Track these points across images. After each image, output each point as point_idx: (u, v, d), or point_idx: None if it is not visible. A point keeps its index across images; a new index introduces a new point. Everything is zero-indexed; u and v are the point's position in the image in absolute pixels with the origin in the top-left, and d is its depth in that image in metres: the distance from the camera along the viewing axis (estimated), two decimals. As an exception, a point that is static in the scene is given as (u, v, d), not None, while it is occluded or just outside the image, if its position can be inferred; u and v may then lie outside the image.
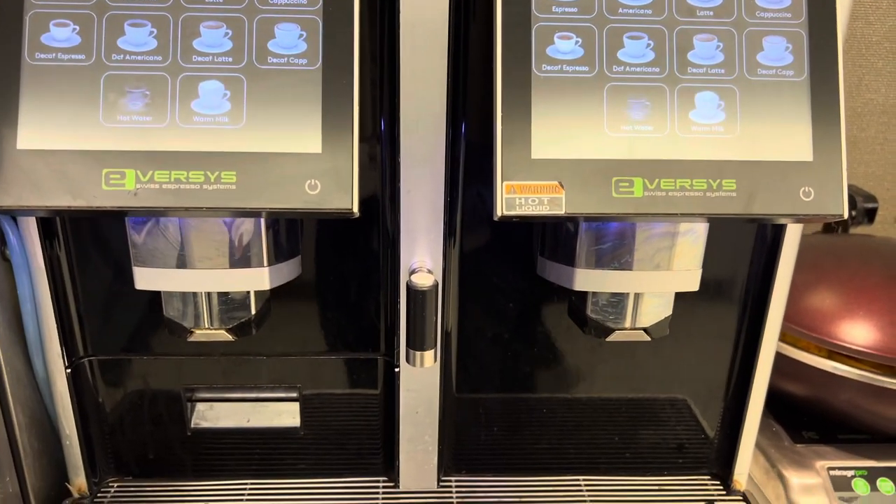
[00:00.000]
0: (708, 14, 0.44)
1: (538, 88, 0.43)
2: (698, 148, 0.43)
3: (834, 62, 0.44)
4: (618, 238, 0.48)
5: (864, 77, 0.98)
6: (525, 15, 0.43)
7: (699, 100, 0.44)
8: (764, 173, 0.43)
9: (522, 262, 0.56)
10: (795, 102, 0.44)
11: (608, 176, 0.43)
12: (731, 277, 0.58)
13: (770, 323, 0.57)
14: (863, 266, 0.81)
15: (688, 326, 0.58)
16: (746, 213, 0.43)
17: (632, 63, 0.44)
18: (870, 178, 1.03)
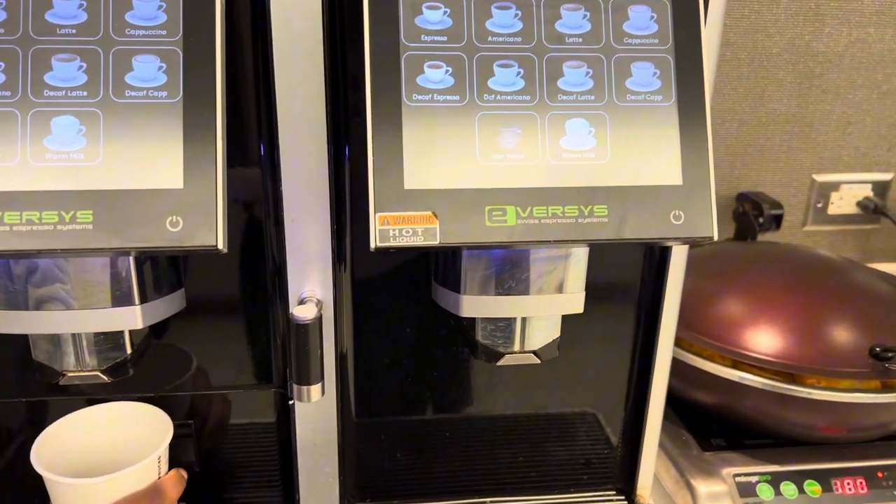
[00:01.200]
0: (577, 41, 0.44)
1: (409, 118, 0.43)
2: (570, 175, 0.44)
3: (700, 87, 0.45)
4: (501, 264, 0.48)
5: (767, 88, 1.01)
6: (394, 45, 0.43)
7: (570, 127, 0.44)
8: (634, 198, 0.44)
9: (418, 285, 0.56)
10: (664, 127, 0.44)
11: (481, 205, 0.43)
12: (625, 290, 0.59)
13: (663, 335, 0.58)
14: (765, 273, 0.83)
15: (586, 341, 0.59)
16: (618, 238, 0.44)
17: (502, 91, 0.44)
18: (776, 185, 1.06)
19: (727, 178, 1.05)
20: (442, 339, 0.57)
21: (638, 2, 0.45)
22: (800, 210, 1.08)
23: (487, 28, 0.44)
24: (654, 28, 0.45)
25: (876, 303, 0.80)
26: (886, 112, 1.04)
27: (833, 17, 0.98)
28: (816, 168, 1.06)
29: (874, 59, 1.01)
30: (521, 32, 0.44)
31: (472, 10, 0.43)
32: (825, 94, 1.02)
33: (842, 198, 1.06)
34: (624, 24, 0.45)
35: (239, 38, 0.47)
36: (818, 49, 1.00)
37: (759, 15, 0.97)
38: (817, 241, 1.10)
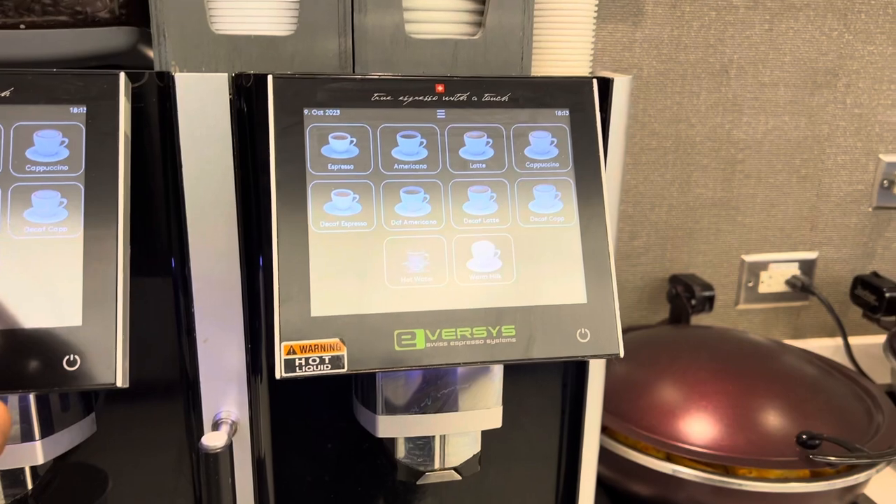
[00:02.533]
0: (481, 167, 0.46)
1: (316, 245, 0.43)
2: (477, 296, 0.44)
3: (601, 207, 0.47)
4: (416, 383, 0.48)
5: (692, 174, 1.05)
6: (300, 173, 0.44)
7: (476, 249, 0.45)
8: (541, 317, 0.45)
9: (340, 400, 0.55)
10: (567, 247, 0.46)
11: (390, 329, 0.43)
12: (547, 396, 0.59)
13: (588, 443, 0.58)
14: (696, 361, 0.85)
15: (511, 452, 0.59)
16: (526, 359, 0.44)
17: (409, 217, 0.44)
18: (708, 266, 1.09)
19: (659, 260, 1.08)
20: (365, 453, 0.57)
21: (538, 128, 0.47)
22: (732, 290, 1.11)
23: (394, 156, 0.45)
24: (555, 152, 0.47)
25: (804, 388, 0.82)
26: (806, 194, 1.09)
27: (750, 107, 1.04)
28: (745, 249, 1.09)
29: (791, 145, 1.06)
30: (426, 160, 0.45)
31: (378, 139, 0.45)
32: (748, 178, 1.07)
33: (771, 277, 1.10)
34: (526, 150, 0.46)
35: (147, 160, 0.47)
36: (738, 137, 1.05)
37: (681, 106, 1.02)
38: (751, 320, 1.13)
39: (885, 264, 1.13)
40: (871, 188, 1.10)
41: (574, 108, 0.47)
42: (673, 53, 1.00)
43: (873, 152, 1.08)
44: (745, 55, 1.01)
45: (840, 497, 0.75)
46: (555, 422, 0.59)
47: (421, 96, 0.45)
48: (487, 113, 0.46)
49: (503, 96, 0.46)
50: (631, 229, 1.06)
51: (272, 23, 0.48)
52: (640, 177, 1.05)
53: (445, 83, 0.46)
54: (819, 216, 1.10)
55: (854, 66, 1.04)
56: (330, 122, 0.44)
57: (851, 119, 1.07)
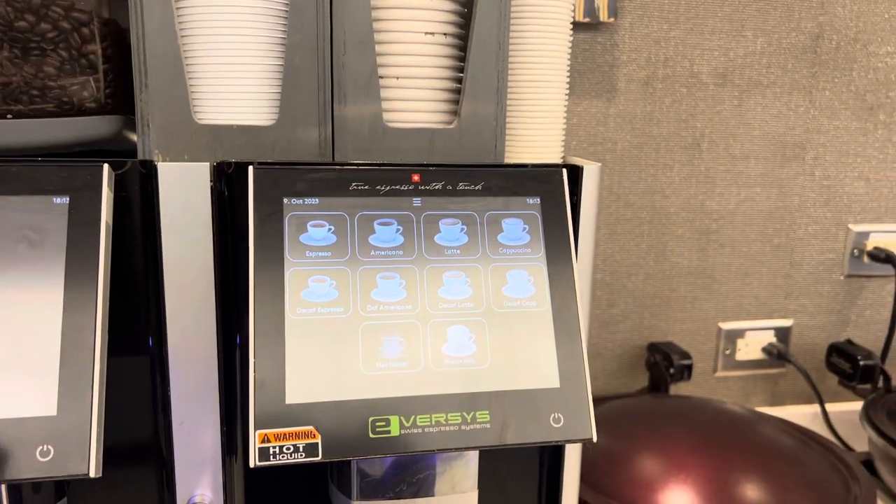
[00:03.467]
0: (455, 252, 0.47)
1: (292, 332, 0.44)
2: (452, 381, 0.45)
3: (572, 292, 0.48)
4: (392, 468, 0.48)
5: (668, 244, 1.07)
6: (278, 260, 0.45)
7: (451, 333, 0.46)
8: (515, 402, 0.45)
9: (316, 483, 0.55)
10: (540, 332, 0.47)
11: (365, 416, 0.43)
12: (525, 474, 0.59)
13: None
14: (674, 433, 0.85)
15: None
16: (500, 444, 0.44)
17: (385, 302, 0.45)
18: (685, 333, 1.10)
19: (637, 328, 1.09)
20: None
21: (511, 215, 0.48)
22: (710, 357, 1.12)
23: (370, 243, 0.46)
24: (527, 238, 0.48)
25: (781, 460, 0.82)
26: (779, 263, 1.11)
27: (722, 179, 1.07)
28: (721, 316, 1.11)
29: (763, 215, 1.09)
30: (402, 246, 0.46)
31: (355, 227, 0.46)
32: (722, 247, 1.09)
33: (748, 344, 1.11)
34: (499, 236, 0.48)
35: (129, 244, 0.48)
36: (712, 207, 1.08)
37: (655, 178, 1.05)
38: (729, 387, 1.13)
39: (858, 331, 1.15)
40: (842, 257, 1.13)
41: (545, 195, 0.49)
42: (646, 128, 1.04)
43: (843, 222, 1.12)
44: (715, 129, 1.05)
45: (821, 573, 0.74)
46: (532, 500, 0.59)
47: (398, 185, 0.47)
48: (462, 201, 0.48)
49: (477, 185, 0.48)
50: (609, 297, 1.08)
51: (254, 112, 0.50)
52: (617, 246, 1.07)
53: (421, 173, 0.48)
54: (793, 284, 1.12)
55: (821, 140, 1.08)
56: (309, 210, 0.46)
57: (821, 190, 1.10)
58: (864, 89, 1.08)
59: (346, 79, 0.50)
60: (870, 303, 1.15)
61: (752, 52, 1.03)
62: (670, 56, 1.01)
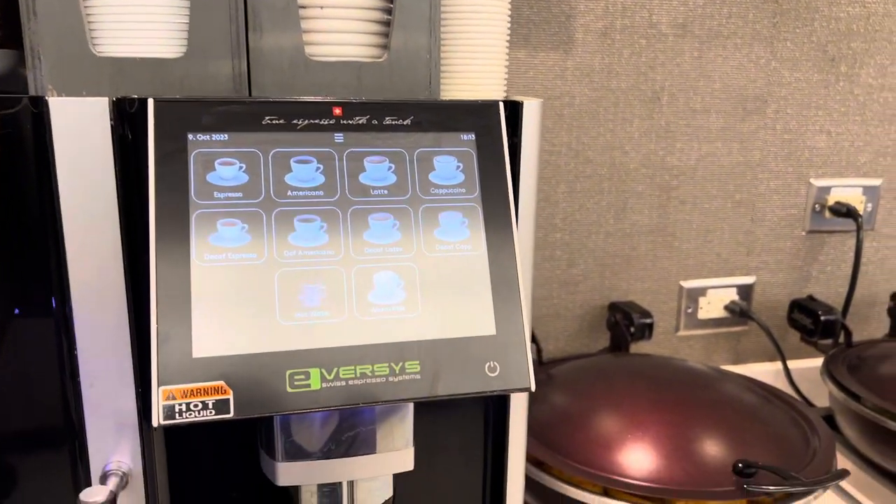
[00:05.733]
0: (382, 193, 0.43)
1: (199, 280, 0.40)
2: (378, 331, 0.41)
3: (509, 235, 0.45)
4: (317, 426, 0.44)
5: (628, 201, 1.05)
6: (183, 202, 0.40)
7: (378, 280, 0.42)
8: (448, 351, 0.42)
9: (245, 446, 0.52)
10: (475, 276, 0.43)
11: (282, 369, 0.40)
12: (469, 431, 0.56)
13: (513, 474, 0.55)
14: (633, 391, 0.83)
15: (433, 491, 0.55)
16: (432, 396, 0.41)
17: (304, 247, 0.42)
18: (647, 293, 1.08)
19: (598, 288, 1.07)
20: (275, 502, 0.53)
21: (443, 152, 0.44)
22: (672, 316, 1.10)
23: (287, 183, 0.42)
24: (461, 178, 0.45)
25: (742, 416, 0.81)
26: (741, 220, 1.09)
27: (683, 133, 1.04)
28: (683, 275, 1.09)
29: (724, 171, 1.07)
30: (323, 186, 0.42)
31: (269, 165, 0.42)
32: (683, 204, 1.07)
33: (709, 302, 1.09)
34: (430, 175, 0.44)
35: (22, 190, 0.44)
36: (672, 163, 1.05)
37: (614, 134, 1.02)
38: (692, 346, 1.12)
39: (820, 287, 1.14)
40: (803, 212, 1.11)
41: (480, 131, 0.45)
42: (605, 81, 1.00)
43: (804, 177, 1.10)
44: (675, 82, 1.02)
45: (780, 526, 0.73)
46: (477, 459, 0.56)
47: (317, 119, 0.43)
48: (389, 137, 0.44)
49: (405, 119, 0.44)
50: (569, 257, 1.05)
51: (160, 44, 0.45)
52: (577, 204, 1.04)
53: (343, 106, 0.44)
54: (755, 241, 1.10)
55: (782, 93, 1.06)
56: (217, 147, 0.41)
57: (782, 145, 1.08)
58: (825, 40, 1.05)
59: (261, 5, 0.46)
60: (831, 258, 1.14)
61: (712, 2, 1.00)
62: (628, 5, 0.98)
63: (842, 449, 0.97)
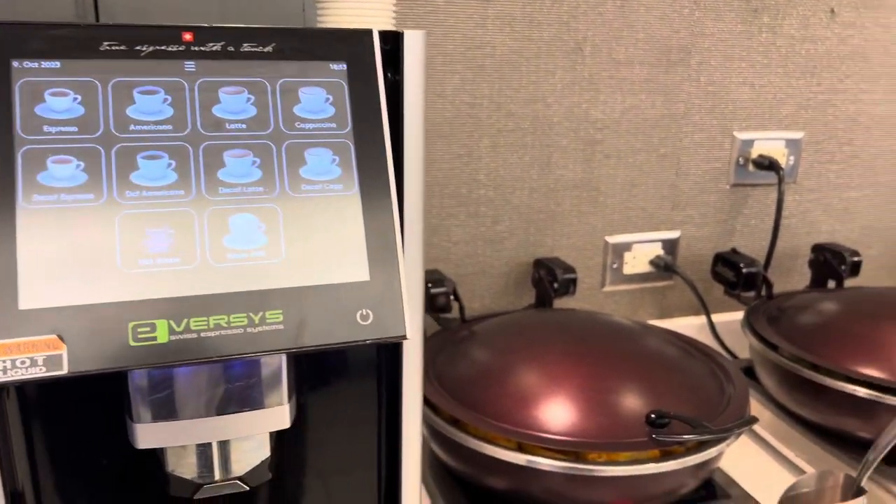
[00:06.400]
0: (240, 127, 0.39)
1: (27, 223, 0.35)
2: (236, 278, 0.38)
3: (385, 174, 0.41)
4: (178, 384, 0.41)
5: (552, 155, 1.02)
6: (6, 137, 0.36)
7: (234, 223, 0.38)
8: (315, 299, 0.39)
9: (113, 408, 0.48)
10: (346, 219, 0.40)
11: (124, 321, 0.36)
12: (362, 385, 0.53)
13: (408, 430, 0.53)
14: (551, 345, 0.82)
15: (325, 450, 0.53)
16: (297, 347, 0.38)
17: (150, 187, 0.38)
18: (572, 249, 1.07)
19: (524, 244, 1.05)
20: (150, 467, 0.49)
21: (310, 83, 0.41)
22: (598, 272, 1.09)
23: (129, 116, 0.38)
24: (331, 111, 0.41)
25: (660, 368, 0.80)
26: (666, 173, 1.08)
27: (606, 85, 1.02)
28: (608, 230, 1.08)
29: (648, 124, 1.05)
30: (171, 119, 0.38)
31: (109, 96, 0.38)
32: (608, 158, 1.05)
33: (635, 257, 1.09)
34: (295, 108, 0.40)
35: None
36: (596, 116, 1.03)
37: (537, 86, 0.99)
38: (617, 301, 1.11)
39: (744, 241, 1.15)
40: (728, 165, 1.11)
41: (352, 61, 0.41)
42: (526, 31, 0.97)
43: (728, 130, 1.09)
44: (598, 32, 1.00)
45: (694, 474, 0.73)
46: (371, 415, 0.54)
47: (164, 46, 0.39)
48: (248, 66, 0.40)
49: (266, 46, 0.40)
50: (493, 214, 1.03)
51: (-16, -39, 0.40)
52: (500, 159, 1.01)
53: (195, 31, 0.39)
54: (679, 195, 1.09)
55: (706, 44, 1.04)
56: (46, 76, 0.37)
57: (706, 97, 1.07)
58: (748, -11, 1.04)
59: (102, -81, 0.41)
60: (755, 212, 1.14)
61: (634, -53, 0.97)
62: (549, -50, 0.94)
63: (762, 399, 0.99)
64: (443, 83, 0.96)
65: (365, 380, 0.53)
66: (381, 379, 0.52)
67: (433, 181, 0.99)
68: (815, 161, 1.15)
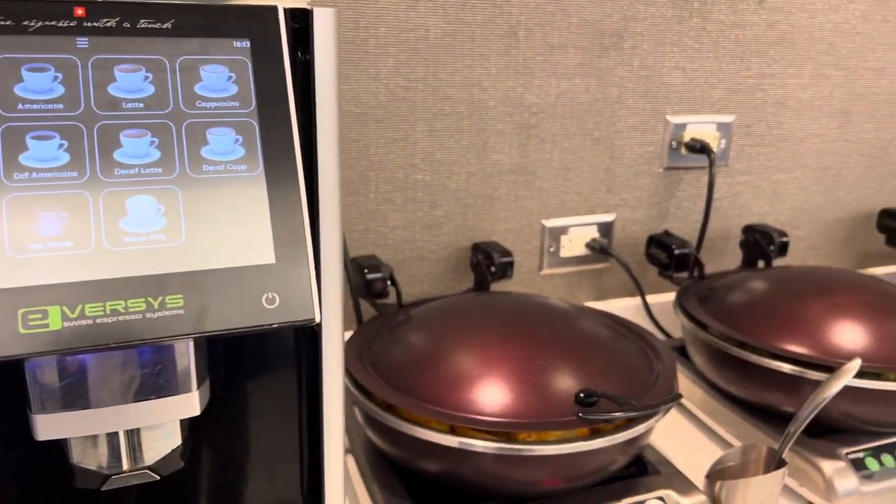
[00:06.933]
0: (137, 106, 0.38)
1: None
2: (133, 262, 0.37)
3: (292, 154, 0.40)
4: (78, 372, 0.39)
5: (488, 140, 1.02)
6: None
7: (132, 206, 0.37)
8: (218, 282, 0.38)
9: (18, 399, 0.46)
10: (250, 200, 0.39)
11: (13, 308, 0.35)
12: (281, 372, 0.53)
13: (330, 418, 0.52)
14: (485, 328, 0.82)
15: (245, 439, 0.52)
16: (198, 332, 0.37)
17: (40, 168, 0.36)
18: (510, 233, 1.07)
19: (462, 229, 1.05)
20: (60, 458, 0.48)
21: (212, 61, 0.40)
22: (535, 255, 1.10)
23: (17, 94, 0.36)
24: (234, 89, 0.40)
25: (591, 348, 0.81)
26: (600, 157, 1.09)
27: (541, 69, 1.02)
28: (545, 214, 1.09)
29: (583, 108, 1.06)
30: (63, 98, 0.37)
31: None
32: (543, 142, 1.05)
33: (571, 241, 1.10)
34: (196, 87, 0.39)
35: None
36: (531, 101, 1.03)
37: (472, 70, 0.99)
38: (555, 284, 1.13)
39: (677, 223, 1.17)
40: (661, 149, 1.12)
41: (257, 38, 0.40)
42: (459, 14, 0.96)
43: (661, 114, 1.11)
44: (532, 16, 1.00)
45: (623, 451, 0.74)
46: (293, 403, 0.53)
47: (54, 21, 0.37)
48: (145, 42, 0.38)
49: (165, 23, 0.39)
50: (431, 198, 1.02)
51: None
52: (437, 144, 1.01)
53: (87, 6, 0.38)
54: (614, 178, 1.11)
55: (638, 28, 1.06)
56: (-77, 51, 0.35)
57: (639, 81, 1.08)
58: (679, -25, 1.06)
59: None
60: (688, 194, 1.16)
61: (565, -69, 0.98)
62: (481, -68, 0.94)
63: (693, 377, 1.01)
64: (377, 66, 0.95)
65: (285, 367, 0.52)
66: (300, 366, 0.52)
67: (368, 165, 0.98)
68: (745, 144, 1.18)
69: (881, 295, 0.95)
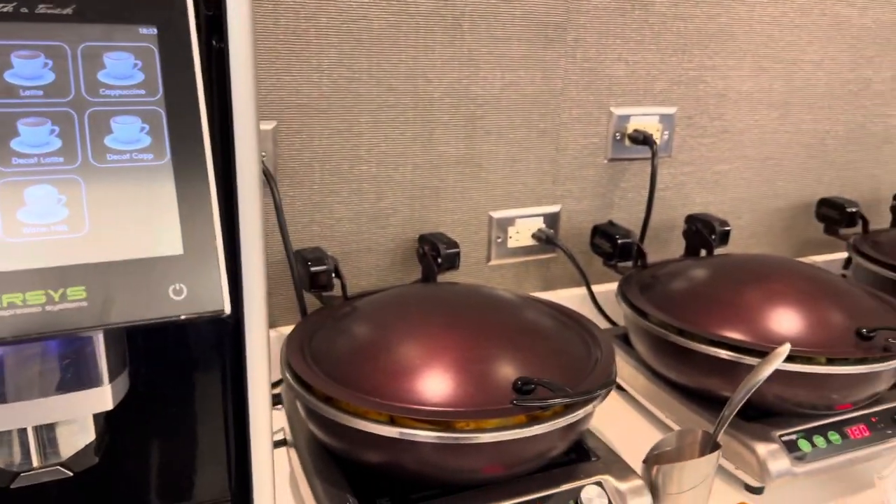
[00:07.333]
0: (36, 94, 0.37)
1: None
2: (32, 254, 0.36)
3: (200, 143, 0.40)
4: (-20, 367, 0.39)
5: (434, 131, 1.02)
6: None
7: (30, 196, 0.36)
8: (123, 274, 0.37)
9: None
10: (157, 189, 0.39)
11: None
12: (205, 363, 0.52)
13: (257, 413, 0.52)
14: (428, 319, 0.82)
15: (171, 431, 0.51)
16: (102, 325, 0.37)
17: (-69, 157, 0.35)
18: (457, 224, 1.08)
19: (409, 220, 1.05)
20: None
21: (117, 48, 0.39)
22: (483, 246, 1.10)
23: None
24: (140, 77, 0.39)
25: (532, 337, 0.82)
26: (546, 149, 1.10)
27: (486, 61, 1.03)
28: (492, 205, 1.09)
29: (528, 100, 1.07)
30: (-46, 85, 0.36)
31: None
32: (489, 134, 1.06)
33: (518, 231, 1.11)
34: (100, 74, 0.38)
35: None
36: (477, 92, 1.03)
37: (416, 61, 0.99)
38: (503, 275, 1.13)
39: (622, 213, 1.19)
40: (605, 141, 1.14)
41: (164, 25, 0.40)
42: (403, 5, 0.96)
43: (604, 105, 1.12)
44: (477, 8, 1.00)
45: (561, 437, 0.75)
46: (217, 398, 0.53)
47: (-55, 6, 0.36)
48: (45, 28, 0.37)
49: (65, 8, 0.38)
50: (377, 190, 1.02)
51: None
52: (382, 135, 1.00)
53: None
54: (559, 170, 1.12)
55: (581, 21, 1.07)
56: None
57: (583, 73, 1.09)
58: (621, -33, 1.07)
59: None
60: (632, 185, 1.18)
61: (507, -78, 0.98)
62: (422, -77, 0.94)
63: (636, 364, 1.03)
64: (319, 56, 0.94)
65: (210, 361, 0.51)
66: (224, 360, 0.51)
67: (312, 157, 0.97)
68: (687, 136, 1.20)
69: (816, 282, 0.97)
